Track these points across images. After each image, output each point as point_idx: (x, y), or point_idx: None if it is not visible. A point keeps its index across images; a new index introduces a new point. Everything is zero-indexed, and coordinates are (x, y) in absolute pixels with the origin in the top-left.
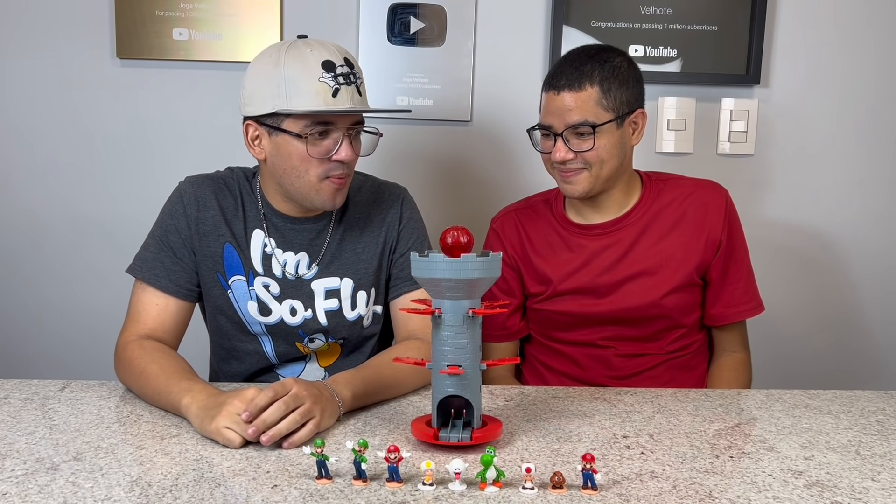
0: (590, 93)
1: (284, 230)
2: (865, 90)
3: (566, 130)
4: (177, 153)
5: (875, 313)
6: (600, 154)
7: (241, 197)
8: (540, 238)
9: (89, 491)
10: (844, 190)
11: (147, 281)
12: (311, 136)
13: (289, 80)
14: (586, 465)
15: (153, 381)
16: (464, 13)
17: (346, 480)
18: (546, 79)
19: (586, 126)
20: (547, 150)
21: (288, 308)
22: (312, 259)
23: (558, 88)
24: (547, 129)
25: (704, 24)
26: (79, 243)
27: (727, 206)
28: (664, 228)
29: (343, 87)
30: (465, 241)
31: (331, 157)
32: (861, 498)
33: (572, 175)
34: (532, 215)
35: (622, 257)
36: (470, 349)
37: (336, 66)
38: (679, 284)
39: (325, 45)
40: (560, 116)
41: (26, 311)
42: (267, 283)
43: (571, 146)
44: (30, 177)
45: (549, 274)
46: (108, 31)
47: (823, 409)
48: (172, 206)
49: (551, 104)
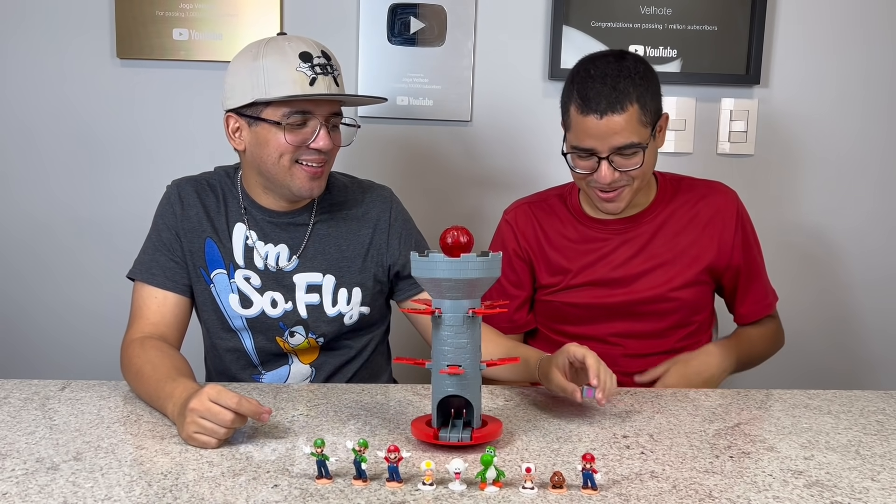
0: (631, 112)
1: (264, 224)
2: (865, 90)
3: (612, 153)
4: (176, 153)
5: (875, 313)
6: (644, 170)
7: (222, 193)
8: (555, 231)
9: (89, 491)
10: (844, 190)
11: (145, 280)
12: (290, 125)
13: (267, 71)
14: (586, 464)
15: (146, 382)
16: (464, 13)
17: (346, 480)
18: (579, 101)
19: (633, 147)
20: (586, 170)
21: (269, 300)
22: (293, 251)
23: (600, 112)
24: (588, 152)
25: (704, 24)
26: (78, 243)
27: (738, 209)
28: (678, 226)
29: (320, 77)
30: (465, 241)
31: (308, 145)
32: (861, 498)
33: (615, 195)
34: (546, 209)
35: (638, 252)
36: (470, 349)
37: (313, 57)
38: (691, 280)
39: (302, 39)
40: (604, 140)
41: (26, 311)
42: (248, 276)
43: (616, 166)
44: (29, 177)
45: (566, 265)
46: (108, 31)
47: (823, 409)
48: (162, 208)
49: (593, 128)
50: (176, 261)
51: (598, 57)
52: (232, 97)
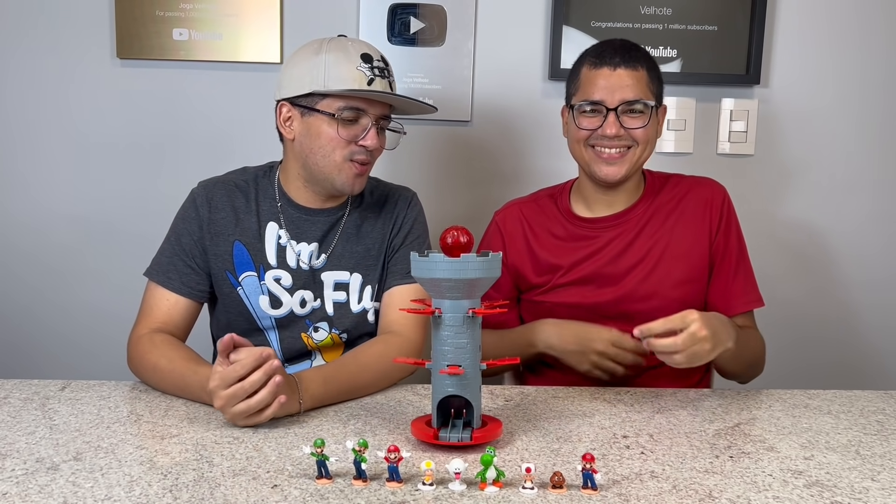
0: (642, 73)
1: (299, 221)
2: (865, 90)
3: (620, 106)
4: (176, 153)
5: (875, 313)
6: (648, 133)
7: (255, 192)
8: (543, 229)
9: (89, 491)
10: (844, 190)
11: (160, 283)
12: (343, 119)
13: (329, 65)
14: (586, 465)
15: (167, 375)
16: (464, 13)
17: (346, 480)
18: (591, 58)
19: (641, 104)
20: (591, 126)
21: (299, 299)
22: (322, 249)
23: (614, 65)
24: (597, 104)
25: (704, 24)
26: (79, 243)
27: (724, 201)
28: (665, 222)
29: (378, 79)
30: (465, 241)
31: (358, 142)
32: (861, 498)
33: (617, 157)
34: (536, 209)
35: (626, 248)
36: (470, 349)
37: (373, 60)
38: (681, 278)
39: (364, 43)
40: (614, 92)
41: (27, 312)
42: (278, 277)
43: (622, 122)
44: (29, 176)
45: (554, 263)
46: (108, 31)
47: (823, 409)
48: (185, 211)
49: (604, 80)
50: (193, 267)
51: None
52: (288, 87)
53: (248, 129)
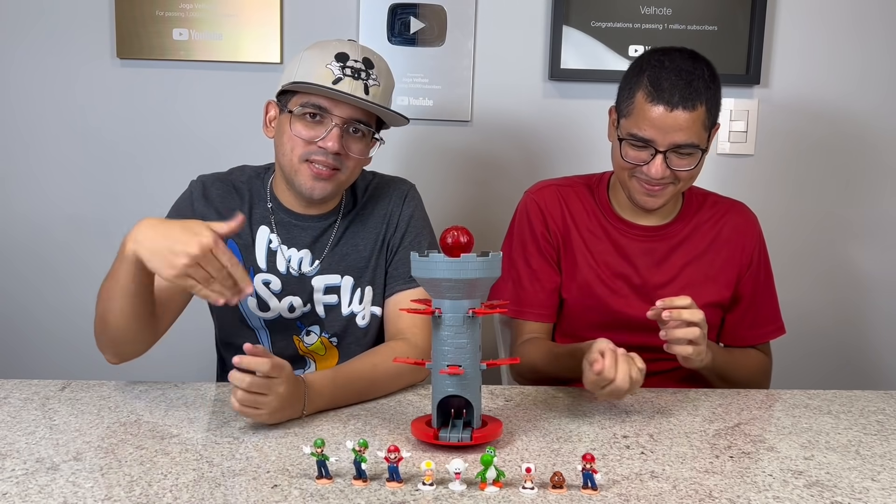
0: (699, 113)
1: (290, 226)
2: (865, 90)
3: (670, 149)
4: (176, 153)
5: (875, 313)
6: (693, 173)
7: (249, 195)
8: (582, 220)
9: (89, 491)
10: (844, 190)
11: None
12: (304, 117)
13: (303, 61)
14: (586, 465)
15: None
16: (464, 13)
17: (346, 480)
18: (650, 88)
19: (692, 148)
20: (637, 161)
21: (287, 305)
22: (315, 256)
23: (672, 105)
24: (646, 142)
25: (704, 24)
26: (79, 243)
27: (759, 233)
28: (701, 245)
29: (347, 79)
30: (465, 241)
31: (316, 142)
32: (861, 498)
33: (659, 189)
34: (573, 195)
35: (658, 264)
36: (470, 349)
37: (349, 59)
38: (708, 301)
39: (353, 45)
40: (667, 134)
41: (27, 311)
42: (267, 280)
43: (669, 163)
44: (29, 176)
45: (588, 258)
46: (108, 31)
47: (823, 409)
48: (181, 203)
49: (658, 119)
50: None
51: (671, 50)
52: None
53: (247, 130)
